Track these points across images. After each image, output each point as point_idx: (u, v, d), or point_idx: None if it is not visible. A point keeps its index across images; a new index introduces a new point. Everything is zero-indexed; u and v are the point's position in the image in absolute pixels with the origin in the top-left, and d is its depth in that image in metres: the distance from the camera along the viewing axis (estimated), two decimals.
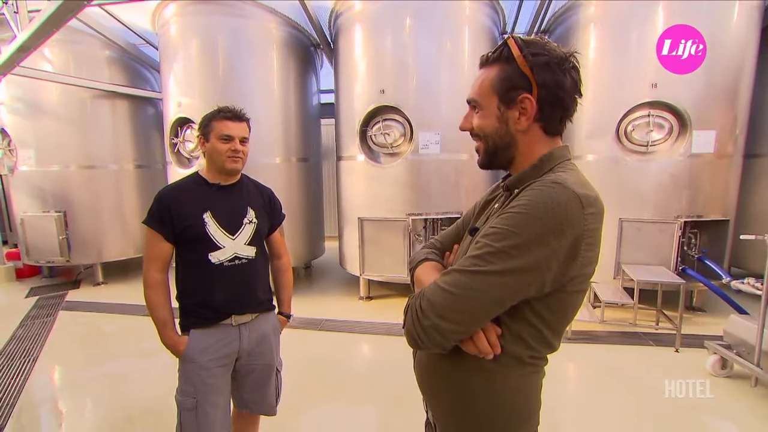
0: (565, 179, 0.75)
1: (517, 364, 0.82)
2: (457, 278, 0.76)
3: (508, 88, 0.81)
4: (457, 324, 0.76)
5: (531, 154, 0.85)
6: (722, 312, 3.99)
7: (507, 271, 0.72)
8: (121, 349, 3.57)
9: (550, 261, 0.72)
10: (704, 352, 3.05)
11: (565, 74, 0.79)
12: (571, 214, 0.71)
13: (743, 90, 3.88)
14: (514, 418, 0.86)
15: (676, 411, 2.56)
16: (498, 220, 0.77)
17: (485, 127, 0.86)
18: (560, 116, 0.83)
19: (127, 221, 5.70)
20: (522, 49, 0.79)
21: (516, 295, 0.75)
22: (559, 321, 0.81)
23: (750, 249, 4.24)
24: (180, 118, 4.51)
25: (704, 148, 3.69)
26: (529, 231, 0.71)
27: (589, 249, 0.74)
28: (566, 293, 0.78)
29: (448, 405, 0.90)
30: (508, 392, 0.84)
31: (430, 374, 0.94)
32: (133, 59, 5.73)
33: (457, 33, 4.23)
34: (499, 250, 0.73)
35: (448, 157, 4.24)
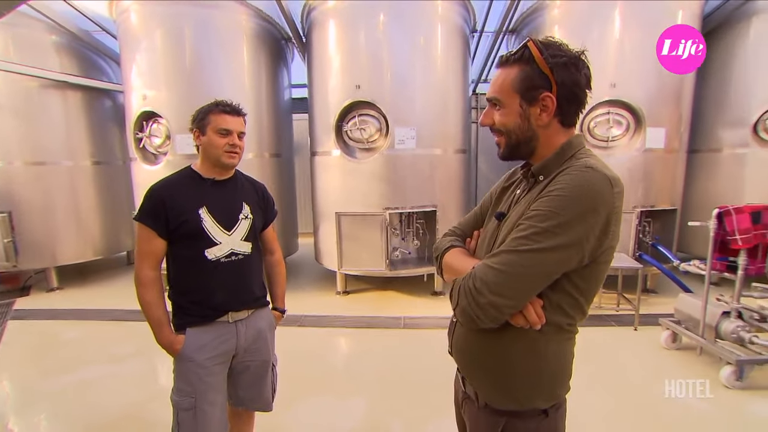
0: (595, 164, 0.85)
1: (556, 331, 0.92)
2: (508, 258, 0.84)
3: (530, 87, 0.89)
4: (511, 299, 0.84)
5: (551, 144, 0.93)
6: (672, 292, 4.39)
7: (553, 247, 0.81)
8: (86, 356, 3.37)
9: (589, 236, 0.82)
10: (658, 329, 3.37)
11: (580, 72, 0.88)
12: (603, 194, 0.82)
13: (686, 91, 4.27)
14: (554, 380, 0.96)
15: (636, 382, 2.84)
16: (539, 203, 0.85)
17: (508, 123, 0.93)
18: (576, 110, 0.92)
19: (85, 221, 5.33)
20: (542, 51, 0.87)
21: (561, 269, 0.84)
22: (592, 289, 0.91)
23: (693, 235, 4.68)
24: (145, 111, 4.28)
25: (656, 143, 4.04)
26: (569, 211, 0.80)
27: (616, 224, 0.86)
28: (598, 264, 0.88)
29: (496, 375, 0.97)
30: (549, 357, 0.93)
31: (474, 350, 1.01)
32: (87, 47, 5.33)
33: (429, 30, 4.31)
34: (544, 229, 0.81)
35: (423, 152, 4.33)
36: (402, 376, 2.97)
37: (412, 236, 4.71)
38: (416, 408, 2.57)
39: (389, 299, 4.64)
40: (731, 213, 2.82)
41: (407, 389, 2.80)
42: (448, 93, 4.48)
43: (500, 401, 0.97)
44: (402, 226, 4.72)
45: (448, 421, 2.33)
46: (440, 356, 3.27)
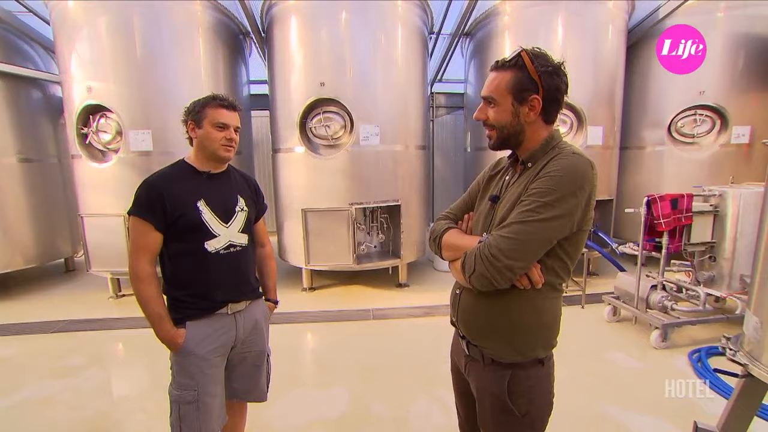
0: (579, 151, 1.07)
1: (550, 291, 1.10)
2: (517, 227, 1.01)
3: (521, 90, 1.06)
4: (522, 261, 1.01)
5: (535, 137, 1.11)
6: (610, 274, 4.96)
7: (553, 217, 0.99)
8: (32, 373, 3.08)
9: (578, 208, 1.01)
10: (602, 306, 3.82)
11: (561, 79, 1.07)
12: (588, 174, 1.02)
13: (617, 94, 4.84)
14: (550, 332, 1.15)
15: (582, 351, 3.21)
16: (538, 182, 1.03)
17: (501, 119, 1.10)
18: (556, 109, 1.11)
19: (12, 226, 4.78)
20: (533, 60, 1.04)
21: (558, 235, 1.02)
22: (576, 253, 1.11)
23: (626, 221, 5.30)
24: (91, 105, 3.95)
25: (595, 140, 4.54)
26: (564, 188, 0.99)
27: (594, 198, 1.06)
28: (582, 231, 1.07)
29: (503, 333, 1.12)
30: (546, 312, 1.11)
31: (482, 316, 1.15)
32: (8, 29, 4.76)
33: (390, 29, 4.44)
34: (545, 203, 0.99)
35: (387, 148, 4.47)
36: (378, 363, 3.09)
37: (376, 230, 4.83)
38: (396, 391, 2.70)
39: (356, 293, 4.73)
40: (657, 200, 3.29)
41: (385, 375, 2.92)
42: (409, 91, 4.65)
43: (506, 355, 1.12)
44: (367, 220, 4.82)
45: (427, 400, 2.51)
46: (413, 343, 3.46)
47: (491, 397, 1.15)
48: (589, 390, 2.65)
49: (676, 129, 4.99)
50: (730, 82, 4.76)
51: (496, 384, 1.13)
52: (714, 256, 3.46)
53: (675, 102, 4.95)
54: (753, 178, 4.57)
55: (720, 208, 3.39)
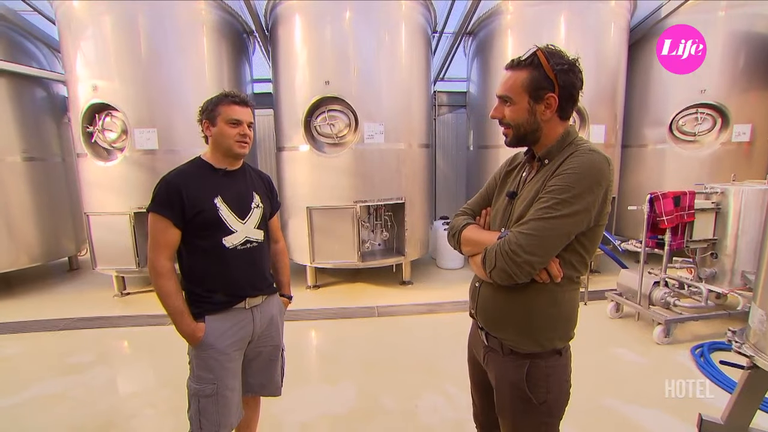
0: (595, 148, 1.09)
1: (568, 283, 1.13)
2: (536, 224, 1.03)
3: (537, 89, 1.08)
4: (542, 256, 1.04)
5: (551, 134, 1.14)
6: (611, 271, 5.00)
7: (571, 213, 1.02)
8: (40, 370, 3.10)
9: (595, 204, 1.04)
10: (605, 302, 3.86)
11: (576, 77, 1.08)
12: (604, 170, 1.04)
13: (619, 93, 4.87)
14: (568, 323, 1.18)
15: (585, 347, 3.20)
16: (556, 179, 1.06)
17: (517, 118, 1.12)
18: (571, 106, 1.13)
19: (16, 224, 4.79)
20: (549, 59, 1.06)
21: (576, 230, 1.05)
22: (593, 247, 1.13)
23: (627, 218, 5.34)
24: (96, 103, 3.96)
25: (597, 139, 4.57)
26: (581, 184, 1.02)
27: (611, 194, 1.09)
28: (599, 226, 1.10)
29: (522, 324, 1.15)
30: (564, 304, 1.14)
31: (502, 308, 1.18)
32: (13, 29, 4.76)
33: (394, 28, 4.46)
34: (563, 200, 1.02)
35: (391, 147, 4.50)
36: (384, 360, 3.12)
37: (380, 228, 4.86)
38: (403, 385, 2.73)
39: (360, 291, 4.76)
40: (659, 198, 3.32)
41: (391, 370, 2.95)
42: (412, 89, 4.67)
43: (525, 345, 1.16)
44: (371, 218, 4.85)
45: (434, 395, 2.54)
46: (418, 339, 3.49)
47: (510, 385, 1.18)
48: (593, 384, 2.69)
49: (678, 127, 5.03)
50: (731, 80, 4.79)
51: (515, 373, 1.17)
52: (716, 253, 3.49)
53: (676, 100, 4.98)
54: (754, 175, 4.62)
55: (722, 206, 3.43)
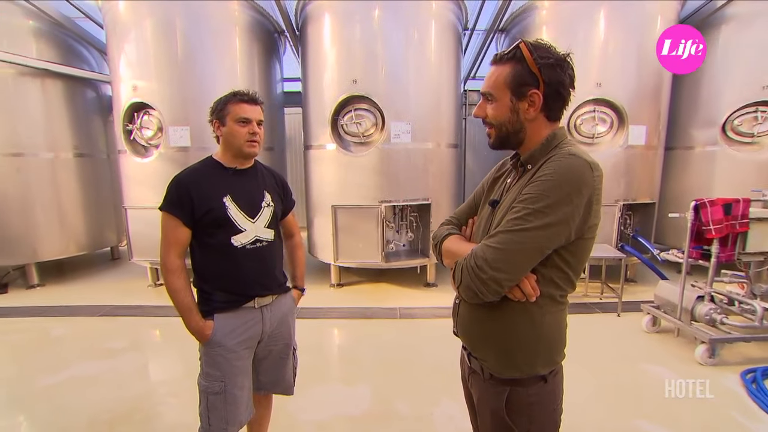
0: (577, 152, 0.96)
1: (550, 303, 1.02)
2: (504, 237, 0.93)
3: (520, 84, 0.98)
4: (510, 273, 0.93)
5: (537, 136, 1.03)
6: (649, 281, 4.68)
7: (544, 225, 0.90)
8: (80, 352, 3.31)
9: (574, 215, 0.92)
10: (639, 315, 3.61)
11: (564, 73, 0.97)
12: (585, 177, 0.92)
13: (664, 91, 4.54)
14: (551, 347, 1.06)
15: (615, 362, 3.04)
16: (529, 187, 0.95)
17: (499, 116, 1.02)
18: (560, 106, 1.01)
19: (67, 215, 5.15)
20: (532, 52, 0.95)
21: (552, 244, 0.94)
22: (579, 263, 1.01)
23: (668, 226, 4.98)
24: (136, 103, 4.18)
25: (637, 140, 4.28)
26: (557, 193, 0.91)
27: (597, 203, 0.96)
28: (584, 240, 0.98)
29: (499, 347, 1.06)
30: (546, 326, 1.03)
31: (479, 325, 1.10)
32: (68, 34, 5.12)
33: (424, 26, 4.39)
34: (535, 210, 0.91)
35: (418, 146, 4.43)
36: (403, 363, 3.08)
37: (405, 229, 4.81)
38: (420, 391, 2.68)
39: (383, 291, 4.73)
40: (706, 205, 3.05)
41: (409, 374, 2.90)
42: (441, 88, 4.58)
43: (504, 371, 1.05)
44: (396, 219, 4.81)
45: (450, 401, 2.47)
46: (438, 343, 3.42)
47: (491, 412, 1.10)
48: (624, 403, 2.51)
49: (732, 127, 4.61)
50: None
51: (495, 400, 1.07)
52: None
53: (732, 98, 4.55)
54: None
55: None
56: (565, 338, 1.09)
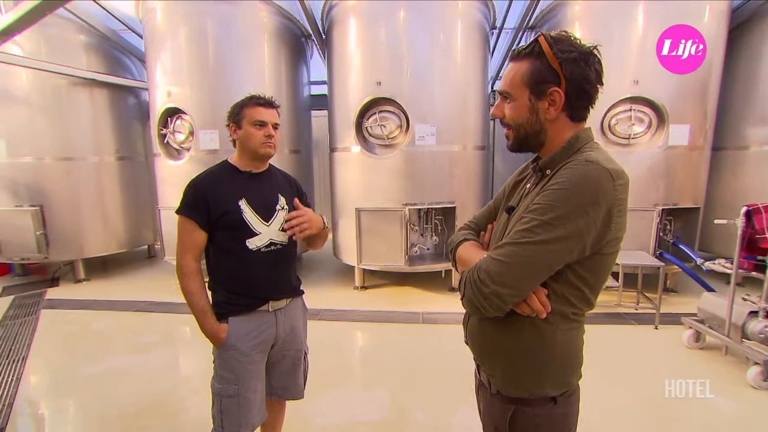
0: (596, 157, 0.86)
1: (562, 321, 0.94)
2: (510, 249, 0.87)
3: (539, 82, 0.90)
4: (514, 288, 0.87)
5: (559, 138, 0.95)
6: (692, 292, 4.35)
7: (553, 239, 0.83)
8: (117, 345, 3.50)
9: (590, 228, 0.83)
10: (680, 328, 3.35)
11: (590, 67, 0.88)
12: (604, 187, 0.83)
13: (713, 87, 4.19)
14: (563, 368, 0.98)
15: (651, 378, 2.81)
16: (540, 196, 0.87)
17: (517, 117, 0.95)
18: (585, 105, 0.92)
19: (109, 215, 5.49)
20: (552, 46, 0.87)
21: (561, 260, 0.86)
22: (596, 280, 0.93)
23: (716, 233, 4.61)
24: (169, 108, 4.38)
25: (679, 140, 3.98)
26: (569, 204, 0.83)
27: (619, 215, 0.86)
28: (602, 255, 0.89)
29: (506, 363, 1.00)
30: (557, 345, 0.95)
31: (486, 339, 1.04)
32: (113, 46, 5.46)
33: (449, 26, 4.31)
34: (544, 222, 0.84)
35: (443, 149, 4.35)
36: (423, 369, 3.02)
37: (430, 232, 4.74)
38: (438, 399, 2.61)
39: (407, 295, 4.68)
40: (761, 211, 2.79)
41: (429, 382, 2.84)
42: (468, 89, 4.48)
43: (510, 388, 0.99)
44: (420, 222, 4.75)
45: (469, 411, 2.38)
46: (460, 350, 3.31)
47: (494, 429, 1.04)
48: (662, 425, 2.33)
49: None
50: None
51: (500, 417, 1.02)
52: None
53: None
54: None
55: None
56: (580, 358, 1.01)
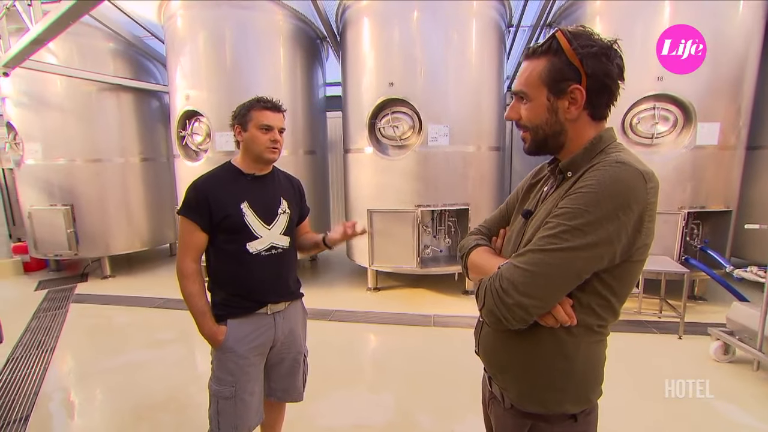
0: (627, 159, 0.81)
1: (586, 333, 0.88)
2: (535, 257, 0.81)
3: (558, 80, 0.85)
4: (539, 299, 0.81)
5: (580, 139, 0.89)
6: (723, 300, 4.10)
7: (582, 246, 0.77)
8: (135, 340, 3.63)
9: (620, 234, 0.78)
10: (706, 339, 3.15)
11: (611, 62, 0.83)
12: (636, 190, 0.78)
13: (747, 82, 3.93)
14: (584, 384, 0.92)
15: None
16: (567, 200, 0.82)
17: (534, 118, 0.90)
18: (606, 102, 0.87)
19: (134, 214, 5.72)
20: (571, 41, 0.83)
21: (591, 268, 0.81)
22: (624, 289, 0.87)
23: (751, 239, 4.34)
24: (188, 110, 4.51)
25: (708, 139, 3.76)
26: (600, 208, 0.77)
27: (650, 221, 0.81)
28: (632, 263, 0.83)
29: (523, 377, 0.94)
30: (579, 360, 0.90)
31: (501, 351, 0.99)
32: (138, 52, 5.70)
33: (464, 26, 4.24)
34: (573, 227, 0.78)
35: (456, 149, 4.29)
36: (431, 374, 2.98)
37: (443, 234, 4.68)
38: (445, 405, 2.57)
39: (419, 297, 4.64)
40: None
41: (436, 386, 2.80)
42: (482, 89, 4.40)
43: (527, 403, 0.94)
44: (434, 223, 4.70)
45: (476, 419, 2.33)
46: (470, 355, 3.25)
47: None
48: None
49: None
50: None
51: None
52: None
53: None
54: None
55: None
56: (601, 374, 0.95)
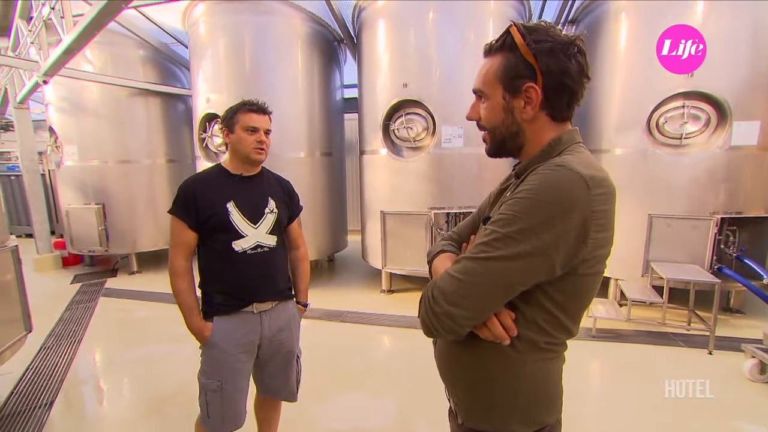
0: (570, 161, 0.75)
1: (533, 350, 0.82)
2: (466, 265, 0.77)
3: (513, 77, 0.80)
4: (468, 310, 0.76)
5: (540, 140, 0.83)
6: (763, 314, 3.78)
7: (514, 255, 0.72)
8: (154, 334, 3.78)
9: (558, 244, 0.71)
10: (740, 356, 2.91)
11: (570, 59, 0.77)
12: (576, 196, 0.71)
13: None
14: (534, 404, 0.86)
15: (707, 413, 2.46)
16: (504, 206, 0.77)
17: (492, 118, 0.86)
18: (567, 102, 0.81)
19: (159, 213, 5.97)
20: (525, 36, 0.77)
21: (525, 279, 0.75)
22: (574, 305, 0.80)
23: None
24: (208, 113, 4.67)
25: (746, 139, 3.47)
26: (534, 215, 0.71)
27: (599, 230, 0.73)
28: (579, 276, 0.76)
29: (469, 392, 0.91)
30: (526, 378, 0.84)
31: (449, 363, 0.95)
32: (165, 58, 5.97)
33: (480, 26, 4.16)
34: (504, 235, 0.73)
35: (471, 151, 4.20)
36: (435, 379, 2.89)
37: None
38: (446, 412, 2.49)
39: None
40: None
41: (439, 392, 2.71)
42: None
43: (474, 420, 0.89)
44: (448, 226, 4.61)
45: None
46: None
47: None
48: None
49: None
50: None
51: None
52: None
53: None
54: None
55: None
56: (557, 394, 0.89)
